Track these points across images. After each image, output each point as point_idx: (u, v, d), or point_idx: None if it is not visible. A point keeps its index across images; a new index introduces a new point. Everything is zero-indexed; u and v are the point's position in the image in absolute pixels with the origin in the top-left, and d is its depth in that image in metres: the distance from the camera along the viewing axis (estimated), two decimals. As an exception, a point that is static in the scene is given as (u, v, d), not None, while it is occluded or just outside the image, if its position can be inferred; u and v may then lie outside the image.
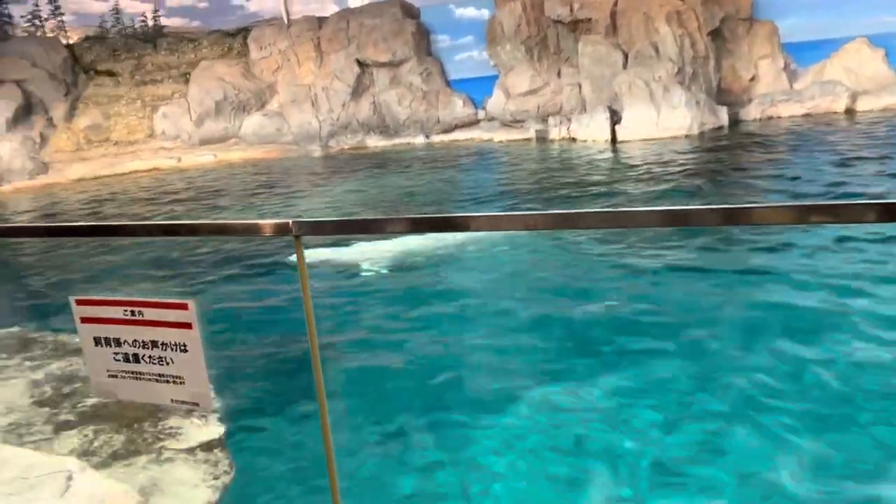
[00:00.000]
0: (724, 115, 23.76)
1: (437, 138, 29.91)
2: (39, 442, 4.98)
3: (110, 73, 35.81)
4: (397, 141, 30.44)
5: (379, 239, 10.81)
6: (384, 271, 9.87)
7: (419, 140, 30.03)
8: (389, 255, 10.50)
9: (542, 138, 26.33)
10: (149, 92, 34.97)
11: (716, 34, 25.22)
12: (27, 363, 6.63)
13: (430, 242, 10.52)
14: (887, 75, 23.61)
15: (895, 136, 17.96)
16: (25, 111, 32.66)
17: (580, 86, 26.92)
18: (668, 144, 21.45)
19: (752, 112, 24.64)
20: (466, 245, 10.47)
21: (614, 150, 22.10)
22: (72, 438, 5.05)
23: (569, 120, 26.10)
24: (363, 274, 9.85)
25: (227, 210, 17.94)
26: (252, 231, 1.82)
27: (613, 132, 23.98)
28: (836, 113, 23.07)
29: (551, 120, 26.70)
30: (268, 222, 1.75)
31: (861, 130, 19.68)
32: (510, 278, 9.17)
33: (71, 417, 5.36)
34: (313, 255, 10.43)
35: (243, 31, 36.44)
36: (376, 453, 5.04)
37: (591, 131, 24.56)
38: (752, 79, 25.68)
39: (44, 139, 32.72)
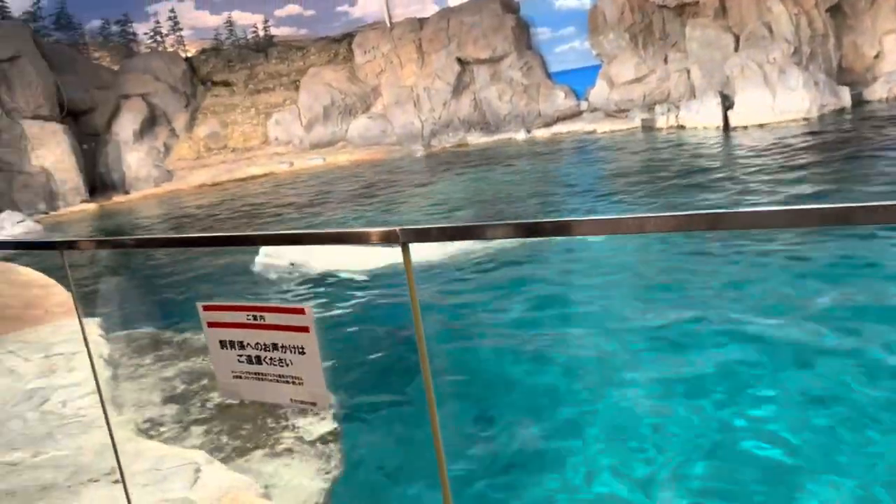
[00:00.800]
0: (846, 96, 22.31)
1: (538, 132, 29.69)
2: (170, 436, 5.34)
3: (226, 84, 37.70)
4: (498, 137, 30.43)
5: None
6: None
7: (520, 135, 29.90)
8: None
9: (648, 127, 25.63)
10: (262, 100, 36.57)
11: (835, 10, 23.73)
12: (159, 363, 7.10)
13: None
14: None
15: None
16: (150, 123, 34.91)
17: (688, 71, 26.02)
18: (785, 129, 20.38)
19: (877, 91, 23.01)
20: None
21: (727, 137, 21.21)
22: (199, 433, 5.38)
23: (677, 107, 25.27)
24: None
25: (339, 210, 18.51)
26: (360, 239, 1.88)
27: (726, 118, 23.02)
28: (977, 88, 21.23)
29: (658, 108, 25.93)
30: (375, 230, 1.81)
31: None
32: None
33: (198, 413, 5.71)
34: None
35: (348, 37, 37.47)
36: (487, 452, 5.08)
37: (701, 118, 23.67)
38: (877, 56, 23.98)
39: (167, 148, 34.87)
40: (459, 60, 32.47)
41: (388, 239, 1.79)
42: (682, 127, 24.31)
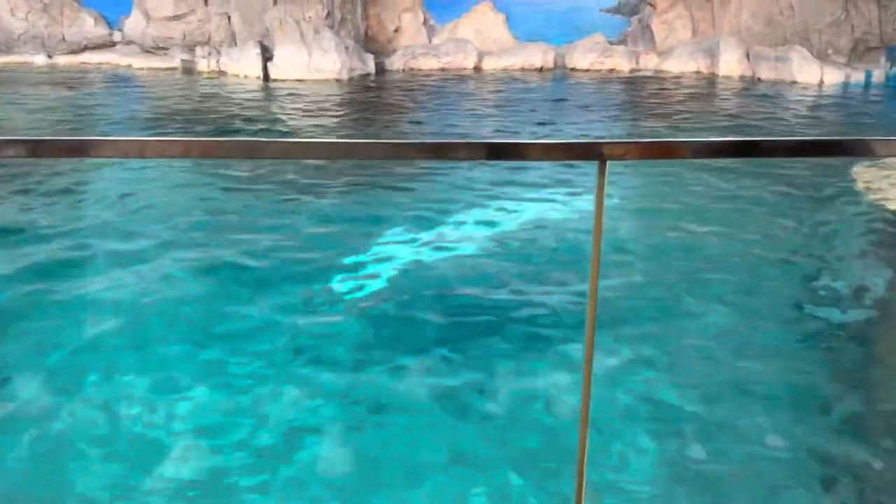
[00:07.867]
0: (371, 63, 24.66)
1: (63, 59, 26.23)
2: None
3: None
4: (12, 59, 26.03)
5: None
6: None
7: (40, 59, 26.05)
8: None
9: (188, 69, 24.72)
10: None
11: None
12: None
13: None
14: (507, 39, 26.88)
15: (512, 90, 21.07)
16: None
17: (229, 17, 25.75)
18: (319, 86, 21.77)
19: (396, 62, 25.97)
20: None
21: (267, 88, 21.79)
22: None
23: (219, 52, 24.88)
24: None
25: None
26: None
27: (266, 69, 23.49)
28: (466, 69, 25.48)
29: (199, 50, 25.18)
30: None
31: (486, 85, 22.50)
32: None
33: None
34: None
35: None
36: None
37: (241, 66, 23.71)
38: (396, 30, 27.07)
39: None
40: (-45, -42, 26.64)
41: None
42: (223, 73, 24.06)
